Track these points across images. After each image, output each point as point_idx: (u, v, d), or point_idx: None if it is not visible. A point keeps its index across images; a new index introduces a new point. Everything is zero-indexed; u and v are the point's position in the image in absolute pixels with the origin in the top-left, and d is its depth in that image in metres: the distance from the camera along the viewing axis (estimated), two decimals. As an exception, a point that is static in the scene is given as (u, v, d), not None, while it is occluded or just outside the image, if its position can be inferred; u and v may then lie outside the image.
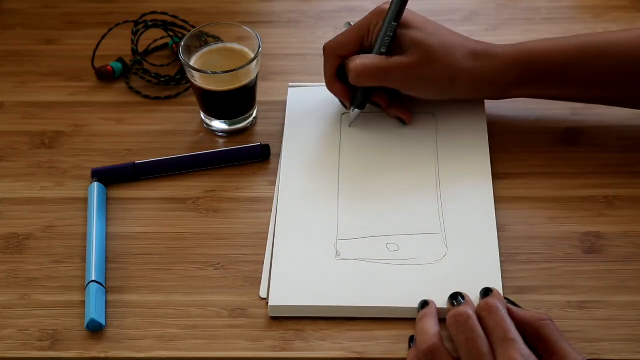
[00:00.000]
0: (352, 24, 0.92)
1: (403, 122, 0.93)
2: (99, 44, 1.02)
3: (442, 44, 0.87)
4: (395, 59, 0.88)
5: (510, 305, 0.76)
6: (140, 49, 1.03)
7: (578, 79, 0.88)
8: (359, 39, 0.90)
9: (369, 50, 0.89)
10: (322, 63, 0.92)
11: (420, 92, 0.90)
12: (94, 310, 0.79)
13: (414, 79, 0.88)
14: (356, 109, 0.92)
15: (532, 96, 0.91)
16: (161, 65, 1.01)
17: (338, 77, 0.91)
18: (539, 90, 0.90)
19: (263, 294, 0.81)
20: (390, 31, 0.88)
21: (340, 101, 0.94)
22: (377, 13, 0.89)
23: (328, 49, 0.91)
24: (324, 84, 0.95)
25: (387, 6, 0.88)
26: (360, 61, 0.88)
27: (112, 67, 1.00)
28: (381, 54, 0.88)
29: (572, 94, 0.90)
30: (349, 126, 0.93)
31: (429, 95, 0.91)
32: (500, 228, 0.85)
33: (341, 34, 0.91)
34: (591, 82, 0.88)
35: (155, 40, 1.04)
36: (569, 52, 0.87)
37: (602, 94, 0.89)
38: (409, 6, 0.89)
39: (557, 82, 0.88)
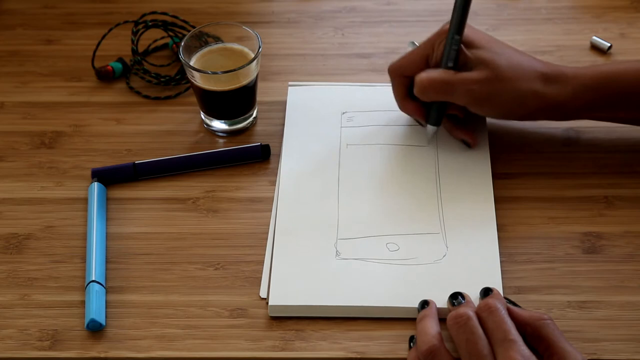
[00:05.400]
0: (417, 43, 0.90)
1: (468, 145, 0.91)
2: (99, 44, 1.02)
3: (510, 63, 0.85)
4: (463, 74, 0.85)
5: (510, 305, 0.76)
6: (140, 49, 1.03)
7: None
8: (423, 58, 0.88)
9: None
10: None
11: (487, 110, 0.88)
12: (94, 310, 0.79)
13: (482, 97, 0.86)
14: (432, 126, 0.89)
15: (602, 119, 0.88)
16: (161, 65, 1.02)
17: (409, 96, 0.89)
18: (609, 113, 0.87)
19: (263, 294, 0.81)
20: (454, 44, 0.85)
21: (416, 120, 0.92)
22: (441, 32, 0.87)
23: (393, 71, 0.89)
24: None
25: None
26: (427, 74, 0.86)
27: (112, 67, 1.00)
28: (448, 68, 0.86)
29: None
30: (427, 144, 0.91)
31: (496, 115, 0.89)
32: (500, 228, 0.85)
33: (405, 54, 0.89)
34: None
35: (155, 40, 1.04)
36: None
37: None
38: (473, 24, 0.87)
39: (630, 106, 0.86)
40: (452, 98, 0.87)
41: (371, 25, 1.06)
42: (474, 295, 0.78)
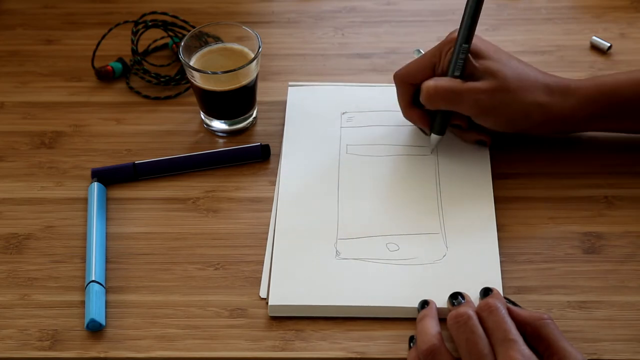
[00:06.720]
0: (422, 51, 0.89)
1: (484, 144, 0.90)
2: (99, 44, 1.02)
3: (516, 75, 0.85)
4: (471, 84, 0.85)
5: (510, 305, 0.76)
6: (140, 49, 1.03)
7: None
8: (430, 66, 0.87)
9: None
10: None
11: (492, 121, 0.87)
12: (94, 310, 0.79)
13: (488, 107, 0.85)
14: (436, 135, 0.89)
15: (609, 130, 0.89)
16: (161, 65, 1.02)
17: (414, 104, 0.89)
18: (613, 125, 0.88)
19: (263, 294, 0.81)
20: (462, 53, 0.85)
21: (420, 128, 0.91)
22: (449, 40, 0.86)
23: (398, 78, 0.89)
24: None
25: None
26: (434, 82, 0.86)
27: (112, 67, 1.00)
28: (455, 77, 0.86)
29: None
30: (430, 153, 0.91)
31: (500, 126, 0.87)
32: (500, 228, 0.85)
33: (412, 61, 0.89)
34: None
35: (155, 40, 1.04)
36: None
37: None
38: (484, 36, 0.87)
39: (633, 116, 0.87)
40: (458, 107, 0.86)
41: (371, 25, 1.06)
42: (474, 295, 0.78)
